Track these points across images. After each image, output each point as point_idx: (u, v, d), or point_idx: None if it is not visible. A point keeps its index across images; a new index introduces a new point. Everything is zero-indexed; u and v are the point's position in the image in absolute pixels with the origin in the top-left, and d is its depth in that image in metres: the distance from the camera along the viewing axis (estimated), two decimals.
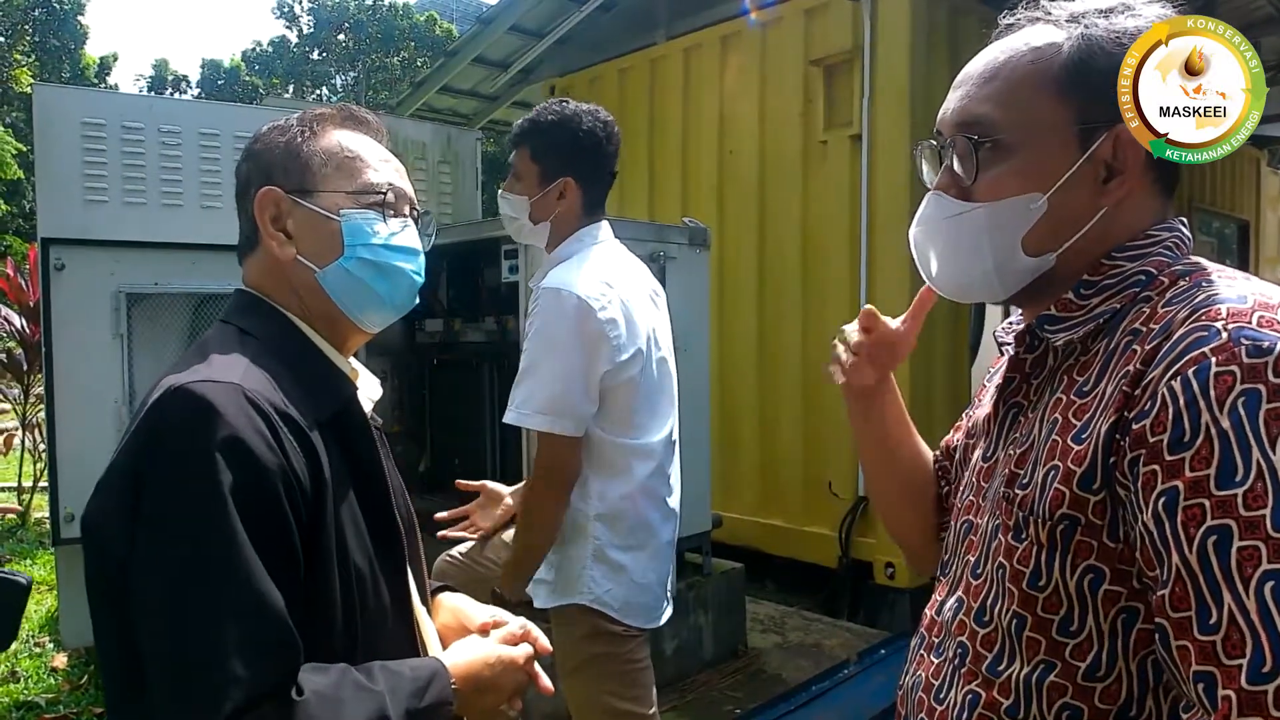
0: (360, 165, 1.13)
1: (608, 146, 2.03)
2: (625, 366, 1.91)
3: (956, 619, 0.93)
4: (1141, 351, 0.77)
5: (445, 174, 4.66)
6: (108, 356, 3.32)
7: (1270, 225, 8.61)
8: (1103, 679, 0.79)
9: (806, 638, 4.34)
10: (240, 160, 1.15)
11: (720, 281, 4.88)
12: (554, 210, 2.02)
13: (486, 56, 6.76)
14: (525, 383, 1.90)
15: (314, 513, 0.96)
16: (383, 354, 4.35)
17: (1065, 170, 0.86)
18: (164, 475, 0.90)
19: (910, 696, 0.99)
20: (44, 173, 3.42)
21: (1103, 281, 0.86)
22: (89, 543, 0.96)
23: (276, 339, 1.07)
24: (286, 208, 1.09)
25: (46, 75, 19.66)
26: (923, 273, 0.99)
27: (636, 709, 2.01)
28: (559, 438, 1.88)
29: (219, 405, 0.91)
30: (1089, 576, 0.79)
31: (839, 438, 4.75)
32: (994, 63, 0.91)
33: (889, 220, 4.52)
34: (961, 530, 0.98)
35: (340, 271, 1.09)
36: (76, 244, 3.33)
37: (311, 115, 1.15)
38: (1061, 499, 0.80)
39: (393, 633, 1.06)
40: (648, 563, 2.00)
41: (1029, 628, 0.83)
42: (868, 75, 4.57)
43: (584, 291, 1.86)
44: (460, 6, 35.75)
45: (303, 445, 0.96)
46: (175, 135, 3.54)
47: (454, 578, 2.28)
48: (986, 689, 0.86)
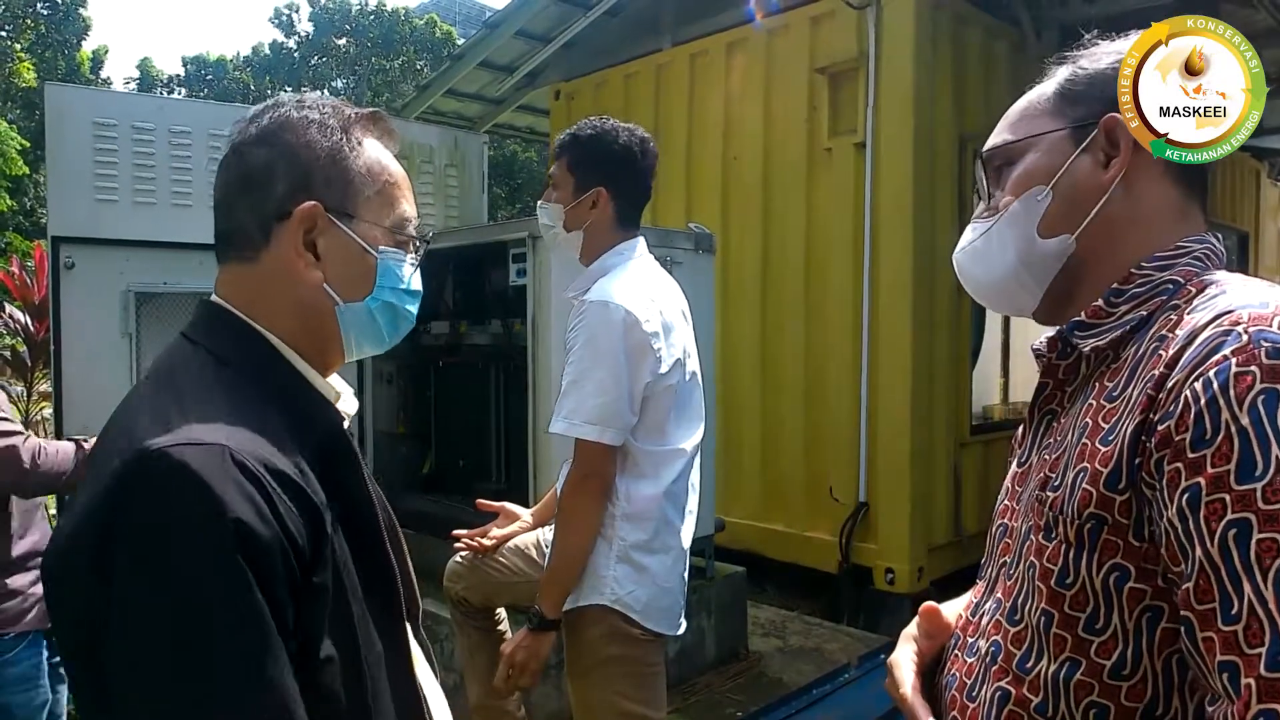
0: (397, 194, 1.04)
1: (642, 161, 2.07)
2: (665, 378, 1.95)
3: (992, 619, 0.95)
4: (1166, 356, 0.79)
5: (452, 177, 4.69)
6: (116, 355, 3.35)
7: (1270, 236, 8.63)
8: (1128, 677, 0.81)
9: (807, 642, 4.34)
10: (252, 141, 0.98)
11: (724, 287, 4.90)
12: (587, 219, 2.06)
13: (492, 60, 6.79)
14: (573, 393, 1.92)
15: (314, 571, 0.86)
16: (388, 356, 4.34)
17: (1064, 164, 0.94)
18: (141, 561, 0.78)
19: (943, 695, 1.01)
20: (55, 171, 3.46)
21: (1132, 289, 0.90)
22: (50, 591, 0.87)
23: (258, 368, 0.96)
24: (323, 226, 0.97)
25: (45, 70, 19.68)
26: (967, 289, 1.08)
27: (647, 712, 2.00)
28: (601, 447, 1.90)
29: (204, 476, 0.79)
30: (1114, 574, 0.81)
31: (840, 443, 4.77)
32: (1010, 109, 1.04)
33: (892, 228, 4.54)
34: (997, 534, 1.01)
35: (364, 310, 1.02)
36: (86, 243, 3.36)
37: (348, 116, 1.02)
38: (1089, 499, 0.82)
39: (393, 683, 0.97)
40: (671, 566, 2.01)
41: (1056, 624, 0.85)
42: (872, 83, 4.60)
43: (630, 305, 1.90)
44: (461, 9, 35.83)
45: (299, 500, 0.86)
46: (185, 135, 3.58)
47: (466, 579, 2.30)
48: (1016, 686, 0.88)
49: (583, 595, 1.96)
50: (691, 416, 2.09)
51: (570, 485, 1.96)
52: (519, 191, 19.64)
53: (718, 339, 4.35)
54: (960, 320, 4.87)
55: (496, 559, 2.26)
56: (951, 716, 0.97)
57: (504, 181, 19.43)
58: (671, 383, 1.97)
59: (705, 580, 3.98)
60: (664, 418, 1.99)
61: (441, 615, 2.89)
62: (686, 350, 2.07)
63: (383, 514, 1.03)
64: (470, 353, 4.23)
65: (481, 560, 2.26)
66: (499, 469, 4.20)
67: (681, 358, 2.02)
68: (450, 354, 4.35)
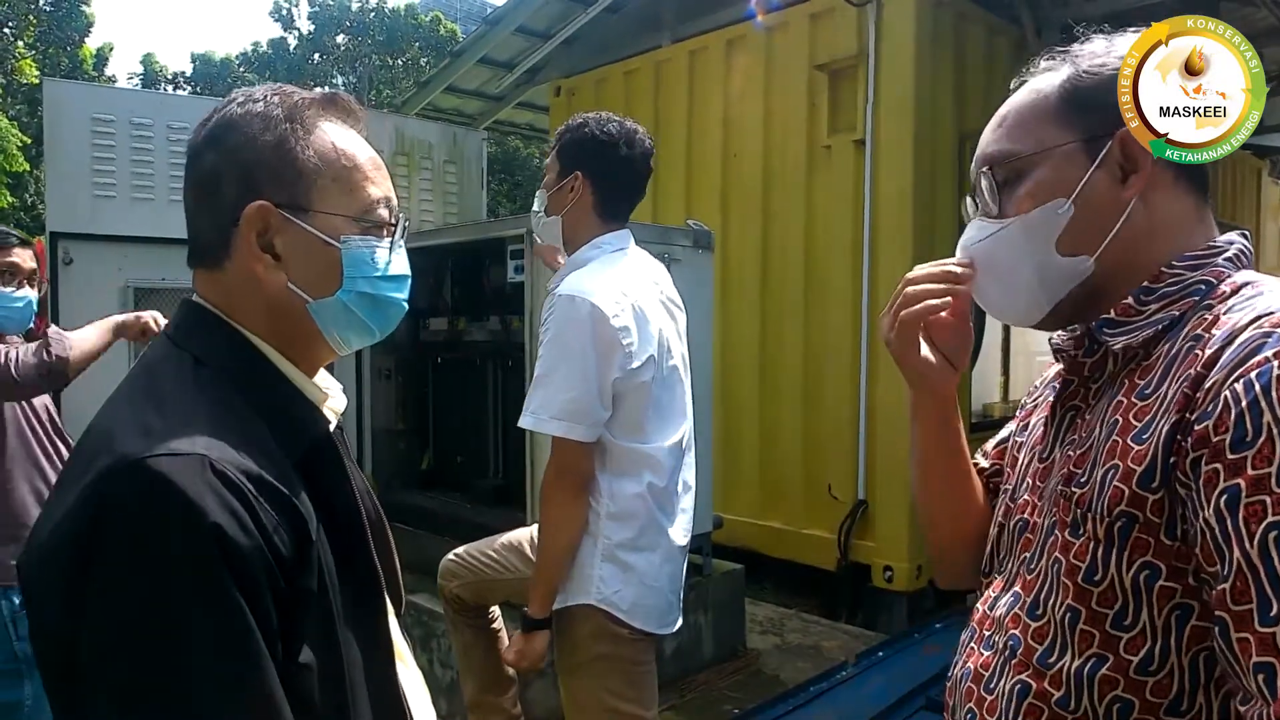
0: (359, 177, 0.98)
1: (624, 150, 2.05)
2: (637, 373, 1.92)
3: (1010, 613, 0.95)
4: (1203, 356, 0.79)
5: (451, 173, 4.69)
6: (114, 351, 3.33)
7: (1271, 235, 8.62)
8: (1154, 673, 0.81)
9: (805, 639, 4.35)
10: (202, 146, 0.95)
11: (723, 284, 4.90)
12: (565, 204, 2.05)
13: (492, 57, 6.78)
14: (541, 388, 1.91)
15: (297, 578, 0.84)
16: (387, 351, 4.37)
17: (1081, 178, 0.91)
18: (119, 574, 0.76)
19: (959, 686, 1.01)
20: (53, 167, 3.46)
21: (1163, 288, 0.89)
22: (27, 600, 0.84)
23: (240, 371, 0.93)
24: (276, 224, 0.93)
25: (48, 67, 19.66)
26: (975, 296, 1.04)
27: (637, 710, 1.99)
28: (573, 443, 1.89)
29: (183, 487, 0.77)
30: (1145, 572, 0.81)
31: (839, 440, 4.77)
32: (1006, 108, 1.00)
33: (891, 225, 4.54)
34: (1017, 528, 1.00)
35: (336, 305, 0.97)
36: (85, 238, 3.36)
37: (295, 103, 0.97)
38: (1121, 496, 0.82)
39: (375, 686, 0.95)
40: (659, 564, 2.00)
41: (1083, 621, 0.85)
42: (872, 81, 4.59)
43: (598, 298, 1.88)
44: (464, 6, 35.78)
45: (281, 508, 0.83)
46: (184, 132, 3.57)
47: (461, 577, 2.29)
48: (1037, 680, 0.88)
49: (571, 594, 1.96)
50: (674, 413, 2.07)
51: (546, 482, 1.95)
52: (519, 188, 19.66)
53: (716, 335, 4.35)
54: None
55: (491, 555, 2.26)
56: (968, 708, 0.97)
57: (504, 178, 19.45)
58: (645, 379, 1.94)
59: (703, 577, 3.98)
60: (641, 415, 1.97)
61: (439, 611, 2.90)
62: (667, 346, 2.04)
63: (370, 509, 1.01)
64: (468, 349, 4.23)
65: (476, 560, 2.26)
66: (497, 465, 4.21)
67: (656, 354, 1.98)
68: (448, 350, 4.36)
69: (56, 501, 0.84)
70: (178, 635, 0.76)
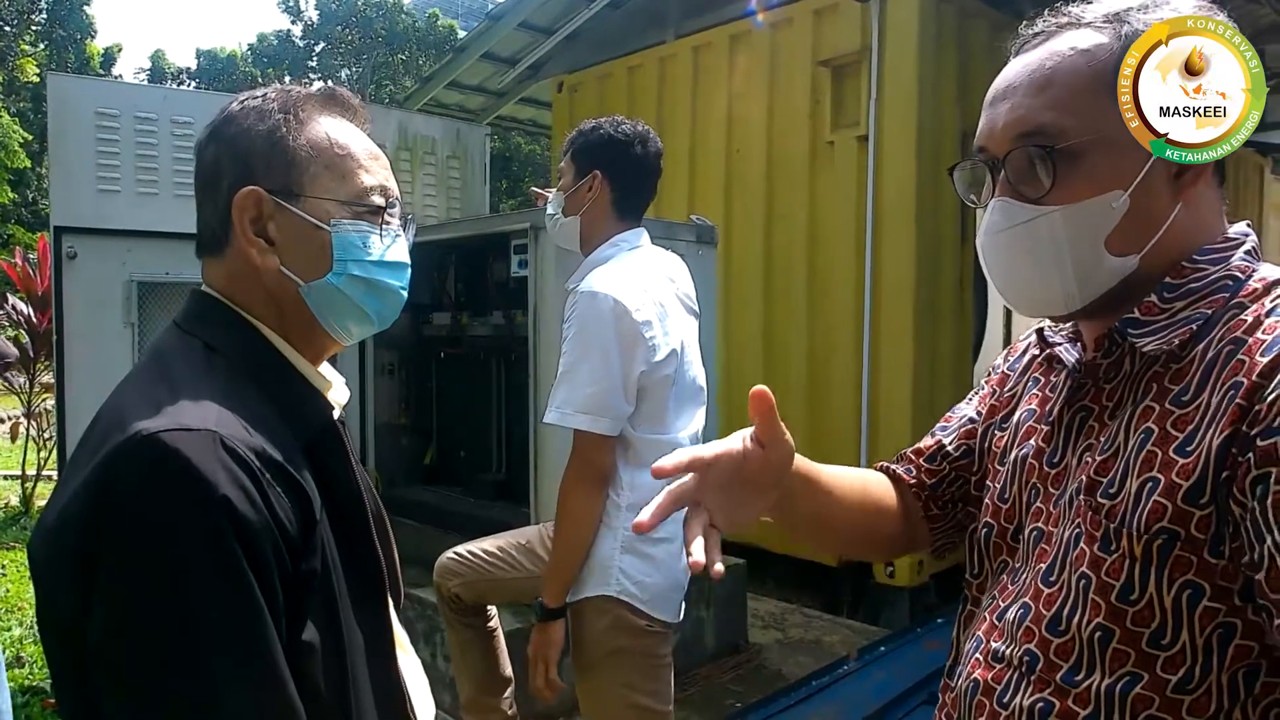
0: (352, 165, 1.00)
1: (639, 149, 2.09)
2: (660, 366, 1.94)
3: (1024, 626, 0.90)
4: (1252, 363, 0.75)
5: (454, 169, 4.69)
6: (118, 345, 3.36)
7: (1273, 232, 8.60)
8: (1192, 691, 0.77)
9: (807, 634, 4.36)
10: (205, 141, 1.00)
11: (726, 279, 4.89)
12: (583, 204, 2.09)
13: (495, 52, 6.78)
14: (565, 384, 1.93)
15: (302, 558, 0.86)
16: (390, 346, 4.38)
17: (1140, 168, 0.83)
18: (131, 548, 0.77)
19: (967, 699, 0.95)
20: (57, 162, 3.46)
21: (1187, 285, 0.84)
22: (36, 584, 0.85)
23: (248, 356, 0.96)
24: (269, 210, 0.96)
25: (52, 66, 19.66)
26: (992, 283, 0.95)
27: (655, 704, 1.98)
28: (596, 437, 1.90)
29: (195, 461, 0.78)
30: (1187, 592, 0.77)
31: (842, 436, 4.76)
32: (1043, 70, 0.86)
33: (895, 221, 4.54)
34: (1032, 538, 0.94)
35: (328, 288, 0.99)
36: (89, 233, 3.36)
37: (293, 98, 1.00)
38: (1162, 512, 0.77)
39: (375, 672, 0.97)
40: (677, 555, 1.99)
41: (1117, 640, 0.80)
42: (875, 77, 4.58)
43: (619, 294, 1.90)
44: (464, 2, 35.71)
45: (289, 487, 0.86)
46: (188, 126, 3.58)
47: (462, 576, 2.29)
48: (1060, 698, 0.84)
49: (588, 586, 1.96)
50: (691, 404, 2.10)
51: (568, 477, 1.96)
52: (521, 183, 19.65)
53: (720, 330, 4.35)
54: (962, 313, 4.86)
55: (496, 554, 2.26)
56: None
57: (506, 173, 19.45)
58: (668, 372, 1.97)
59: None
60: (663, 407, 1.99)
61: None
62: (685, 340, 2.07)
63: (370, 503, 1.03)
64: (472, 344, 4.24)
65: (477, 557, 2.26)
66: (500, 460, 4.22)
67: (678, 347, 2.01)
68: (452, 345, 4.36)
69: (66, 483, 0.85)
70: (188, 607, 0.77)
